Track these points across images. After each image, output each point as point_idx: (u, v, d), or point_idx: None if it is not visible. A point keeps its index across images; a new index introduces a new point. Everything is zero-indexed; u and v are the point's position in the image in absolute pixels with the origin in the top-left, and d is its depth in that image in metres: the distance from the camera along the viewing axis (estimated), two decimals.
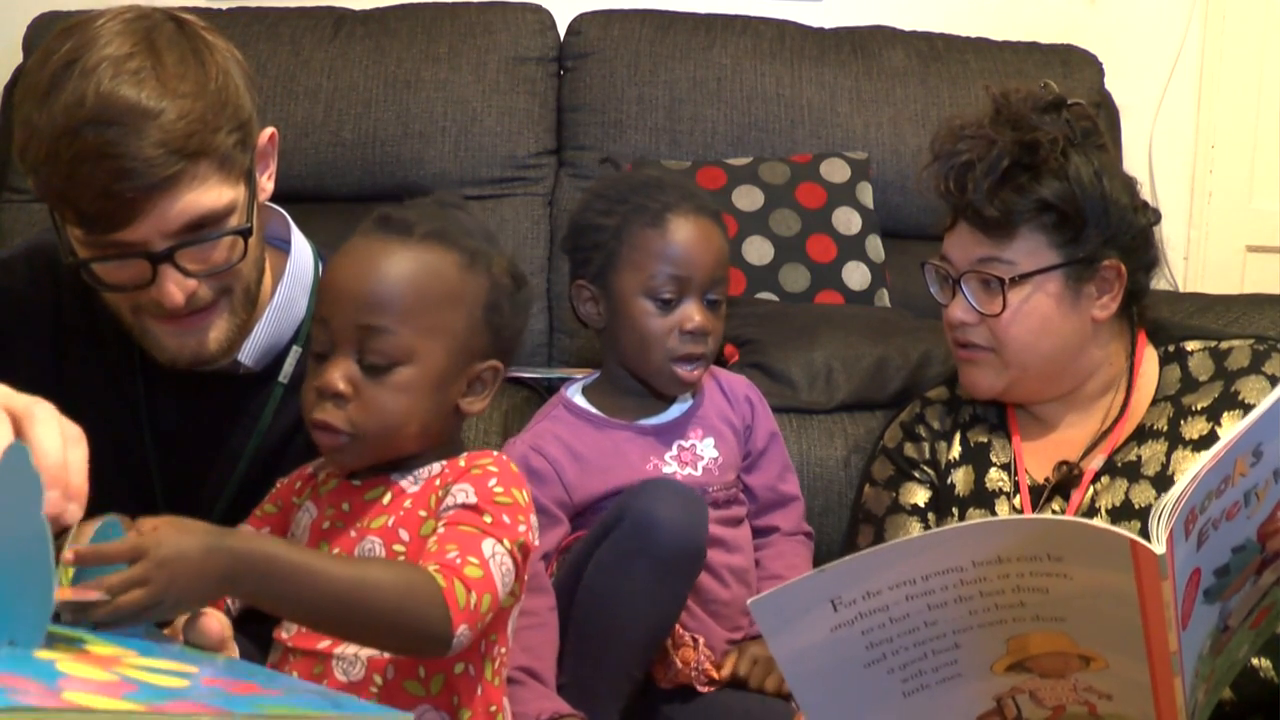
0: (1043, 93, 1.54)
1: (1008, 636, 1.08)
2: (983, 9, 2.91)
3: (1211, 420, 1.51)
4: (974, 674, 1.11)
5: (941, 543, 1.06)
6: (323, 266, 1.43)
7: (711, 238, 1.57)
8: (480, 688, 1.21)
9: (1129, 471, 1.52)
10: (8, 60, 2.58)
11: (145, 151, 1.17)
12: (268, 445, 1.39)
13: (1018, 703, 1.13)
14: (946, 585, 1.05)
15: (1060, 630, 1.07)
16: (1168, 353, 1.59)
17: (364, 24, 2.63)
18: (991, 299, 1.53)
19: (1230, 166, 3.01)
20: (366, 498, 1.24)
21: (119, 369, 1.39)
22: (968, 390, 1.62)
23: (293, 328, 1.41)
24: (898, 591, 1.06)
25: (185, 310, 1.26)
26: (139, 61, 1.19)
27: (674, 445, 1.59)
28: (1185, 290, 2.91)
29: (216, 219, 1.24)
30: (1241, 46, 2.98)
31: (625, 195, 1.59)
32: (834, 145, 2.57)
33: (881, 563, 1.06)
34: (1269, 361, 1.53)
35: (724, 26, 2.66)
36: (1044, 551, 1.02)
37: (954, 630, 1.08)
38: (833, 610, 1.06)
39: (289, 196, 1.41)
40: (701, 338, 1.55)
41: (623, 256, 1.56)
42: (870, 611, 1.07)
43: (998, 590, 1.05)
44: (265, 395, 1.40)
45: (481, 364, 1.25)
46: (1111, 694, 1.09)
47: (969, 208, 1.52)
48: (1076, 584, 1.03)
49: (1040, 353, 1.54)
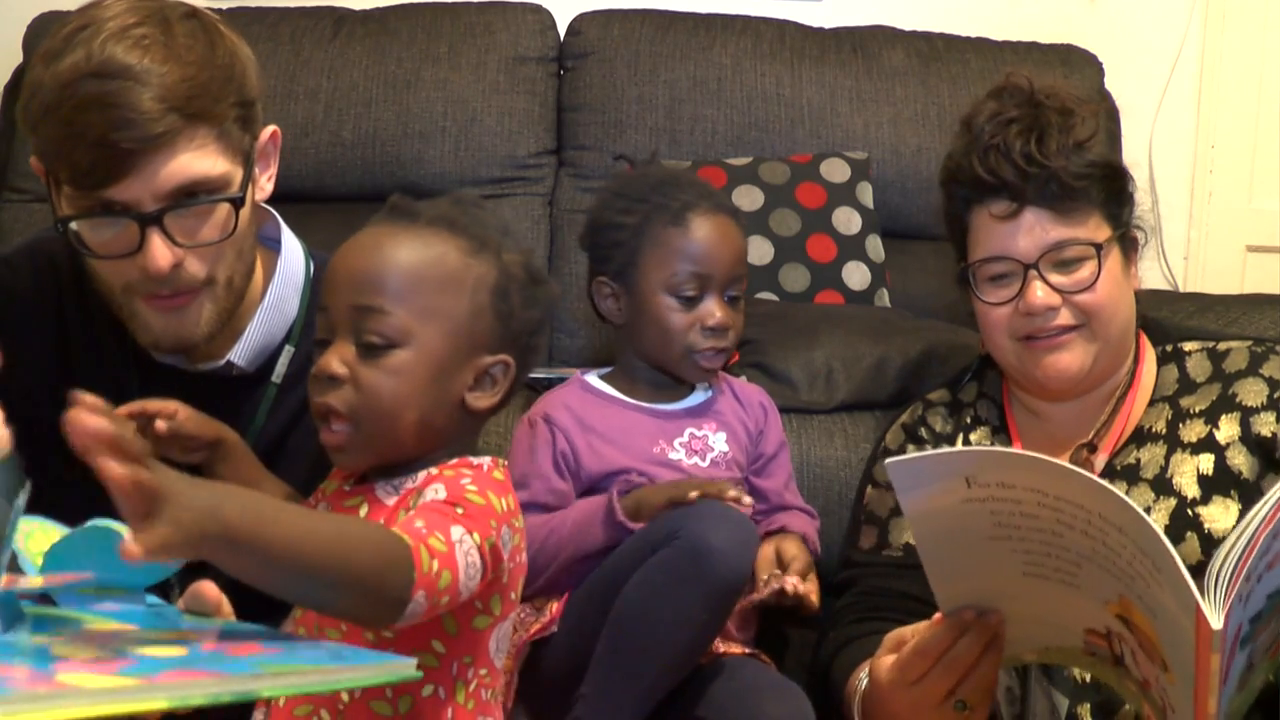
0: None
1: (1120, 592, 1.10)
2: (983, 9, 2.91)
3: (1209, 423, 1.51)
4: (1090, 596, 1.13)
5: (1080, 482, 1.06)
6: (314, 266, 1.44)
7: (731, 235, 1.61)
8: (451, 711, 1.16)
9: (1128, 475, 1.52)
10: (8, 60, 2.58)
11: (144, 104, 1.19)
12: (262, 446, 1.39)
13: (1124, 648, 1.14)
14: (1075, 516, 1.07)
15: (1154, 624, 1.09)
16: (1165, 352, 1.59)
17: (364, 24, 2.63)
18: (1074, 275, 1.51)
19: (1230, 166, 3.01)
20: (346, 504, 1.21)
21: (114, 369, 1.39)
22: (1050, 381, 1.54)
23: (284, 327, 1.41)
24: (1032, 495, 1.07)
25: (169, 289, 1.26)
26: (146, 29, 1.21)
27: (685, 432, 1.61)
28: (1185, 290, 2.91)
29: (210, 188, 1.25)
30: (1241, 46, 2.98)
31: (645, 194, 1.61)
32: (834, 145, 2.57)
33: (1022, 464, 1.08)
34: (1267, 364, 1.52)
35: (724, 26, 2.66)
36: (1150, 554, 1.04)
37: (1076, 552, 1.10)
38: (966, 486, 1.08)
39: (289, 196, 1.41)
40: (723, 333, 1.59)
41: (645, 254, 1.59)
42: (1003, 499, 1.08)
43: (1116, 552, 1.06)
44: (259, 396, 1.40)
45: (490, 357, 1.21)
46: (1176, 708, 1.11)
47: (1048, 180, 1.48)
48: (1165, 600, 1.05)
49: (1121, 321, 1.54)
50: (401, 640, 1.12)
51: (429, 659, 1.15)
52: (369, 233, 1.22)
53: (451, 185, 2.47)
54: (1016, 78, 1.55)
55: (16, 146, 2.54)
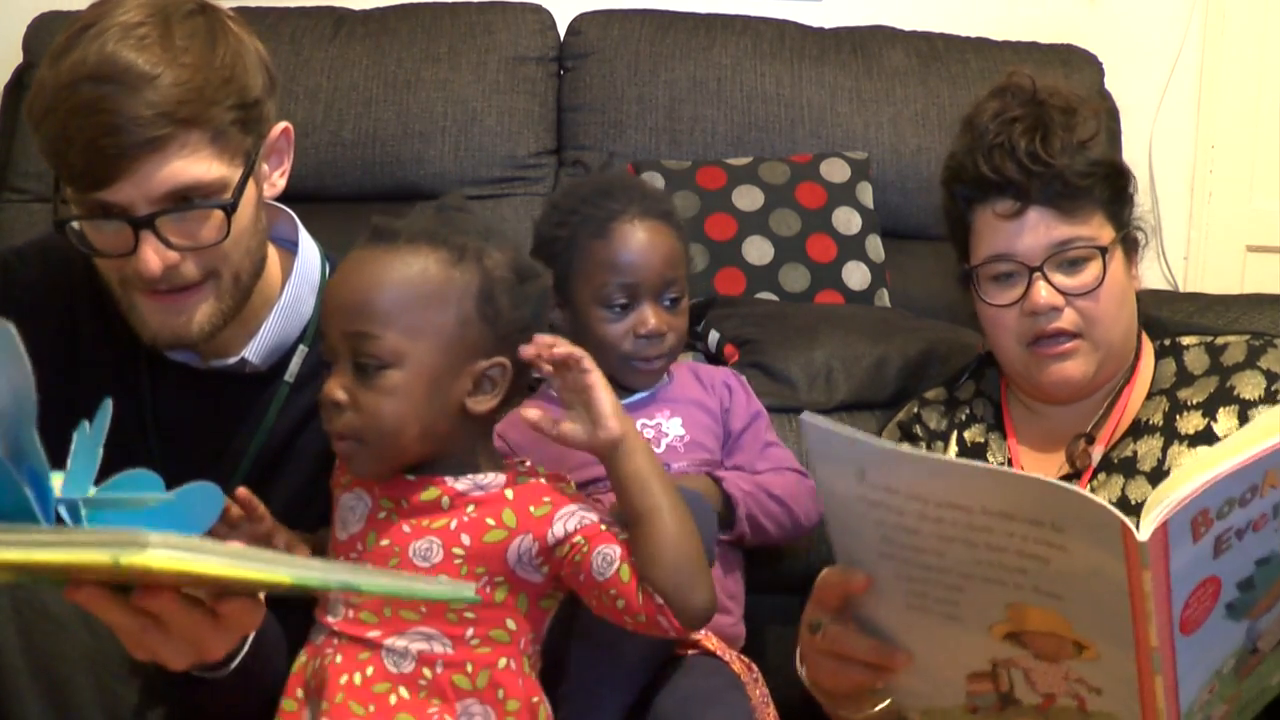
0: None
1: (1008, 601, 1.06)
2: (983, 9, 2.91)
3: (1207, 415, 1.51)
4: (973, 626, 1.09)
5: (958, 474, 1.03)
6: (329, 268, 1.44)
7: (659, 241, 1.57)
8: (521, 681, 1.24)
9: (1125, 467, 1.52)
10: (8, 60, 2.58)
11: (134, 110, 1.19)
12: (272, 444, 1.40)
13: (1012, 677, 1.12)
14: (956, 522, 1.03)
15: (1057, 609, 1.05)
16: (1163, 346, 1.59)
17: (364, 24, 2.63)
18: (1078, 277, 1.50)
19: (1230, 166, 3.01)
20: (423, 497, 1.25)
21: (125, 365, 1.39)
22: (1056, 389, 1.53)
23: (300, 327, 1.42)
24: (913, 505, 1.04)
25: (165, 285, 1.27)
26: (147, 29, 1.22)
27: (636, 424, 1.60)
28: (1185, 290, 2.91)
29: (203, 192, 1.25)
30: (1241, 46, 2.99)
31: (575, 206, 1.60)
32: (834, 145, 2.58)
33: (904, 463, 1.05)
34: (1265, 356, 1.52)
35: (724, 26, 2.66)
36: (1048, 518, 1.00)
37: (959, 573, 1.06)
38: (858, 480, 1.05)
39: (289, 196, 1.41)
40: (658, 340, 1.57)
41: (575, 268, 1.57)
42: (888, 507, 1.05)
43: (1001, 547, 1.03)
44: (271, 394, 1.40)
45: (485, 361, 1.24)
46: (1101, 689, 1.08)
47: (1052, 180, 1.48)
48: (1075, 560, 1.02)
49: (1122, 327, 1.53)
50: (481, 618, 1.22)
51: (502, 635, 1.23)
52: (353, 259, 1.25)
53: (451, 185, 2.47)
54: (1019, 76, 1.55)
55: (17, 146, 2.54)
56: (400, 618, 1.22)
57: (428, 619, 1.22)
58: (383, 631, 1.22)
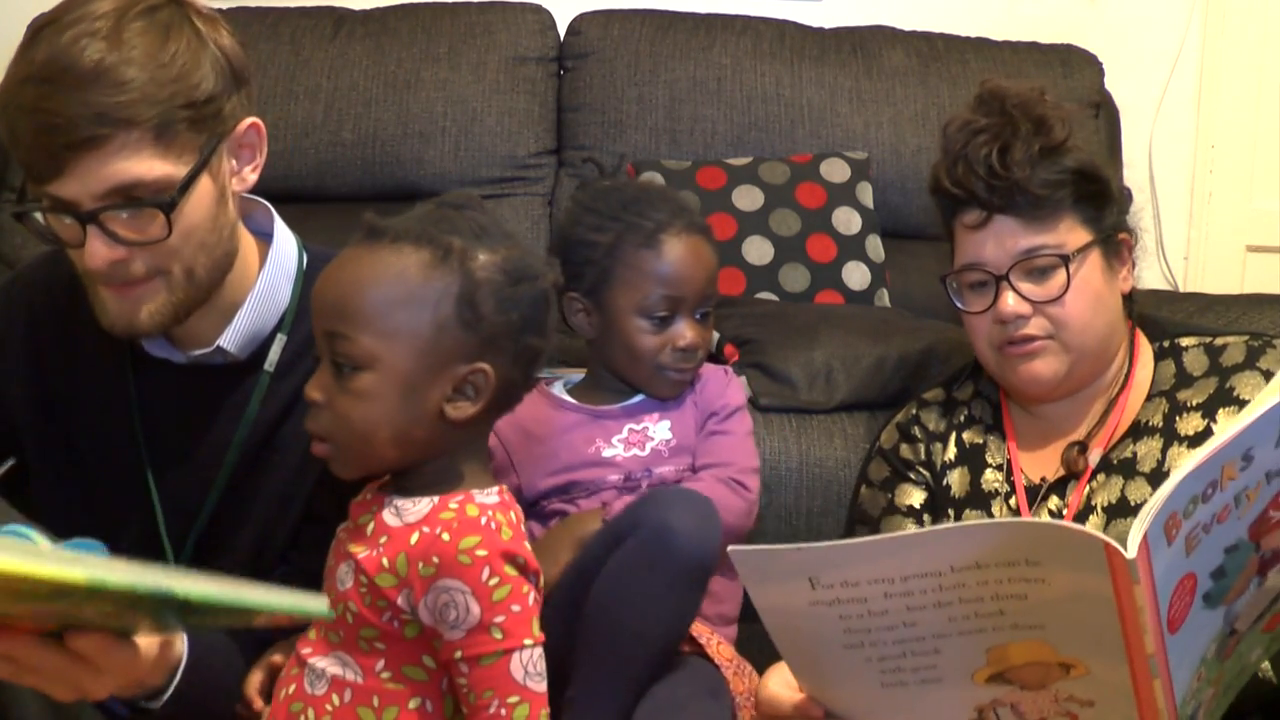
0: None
1: (987, 646, 1.07)
2: (983, 9, 2.91)
3: (1207, 416, 1.51)
4: (954, 681, 1.10)
5: (920, 544, 1.04)
6: (306, 258, 1.45)
7: (703, 256, 1.59)
8: None
9: (1125, 468, 1.52)
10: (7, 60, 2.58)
11: (70, 110, 1.21)
12: (257, 433, 1.40)
13: (999, 715, 1.12)
14: (925, 589, 1.03)
15: (1039, 638, 1.06)
16: (1162, 348, 1.59)
17: (364, 24, 2.63)
18: (1045, 285, 1.51)
19: (1230, 166, 3.01)
20: (361, 520, 1.24)
21: (108, 362, 1.41)
22: (1027, 387, 1.55)
23: (277, 315, 1.42)
24: (876, 588, 1.04)
25: (113, 279, 1.28)
26: (100, 24, 1.23)
27: (624, 428, 1.60)
28: (1185, 290, 2.91)
29: (147, 190, 1.25)
30: (1241, 46, 2.99)
31: (617, 212, 1.59)
32: (834, 145, 2.58)
33: (860, 555, 1.04)
34: (1264, 357, 1.52)
35: (724, 26, 2.67)
36: (1021, 556, 1.01)
37: (934, 635, 1.06)
38: (810, 588, 1.04)
39: (289, 196, 1.42)
40: (693, 354, 1.58)
41: (617, 275, 1.57)
42: (849, 600, 1.05)
43: (976, 597, 1.04)
44: (252, 384, 1.41)
45: (465, 367, 1.20)
46: (1093, 700, 1.09)
47: (1013, 191, 1.49)
48: (1055, 588, 1.02)
49: (1096, 331, 1.53)
50: (392, 652, 1.17)
51: (417, 673, 1.18)
52: (340, 257, 1.24)
53: (451, 185, 2.48)
54: (992, 84, 1.56)
55: None
56: (326, 639, 1.20)
57: (344, 644, 1.19)
58: (313, 649, 1.20)
